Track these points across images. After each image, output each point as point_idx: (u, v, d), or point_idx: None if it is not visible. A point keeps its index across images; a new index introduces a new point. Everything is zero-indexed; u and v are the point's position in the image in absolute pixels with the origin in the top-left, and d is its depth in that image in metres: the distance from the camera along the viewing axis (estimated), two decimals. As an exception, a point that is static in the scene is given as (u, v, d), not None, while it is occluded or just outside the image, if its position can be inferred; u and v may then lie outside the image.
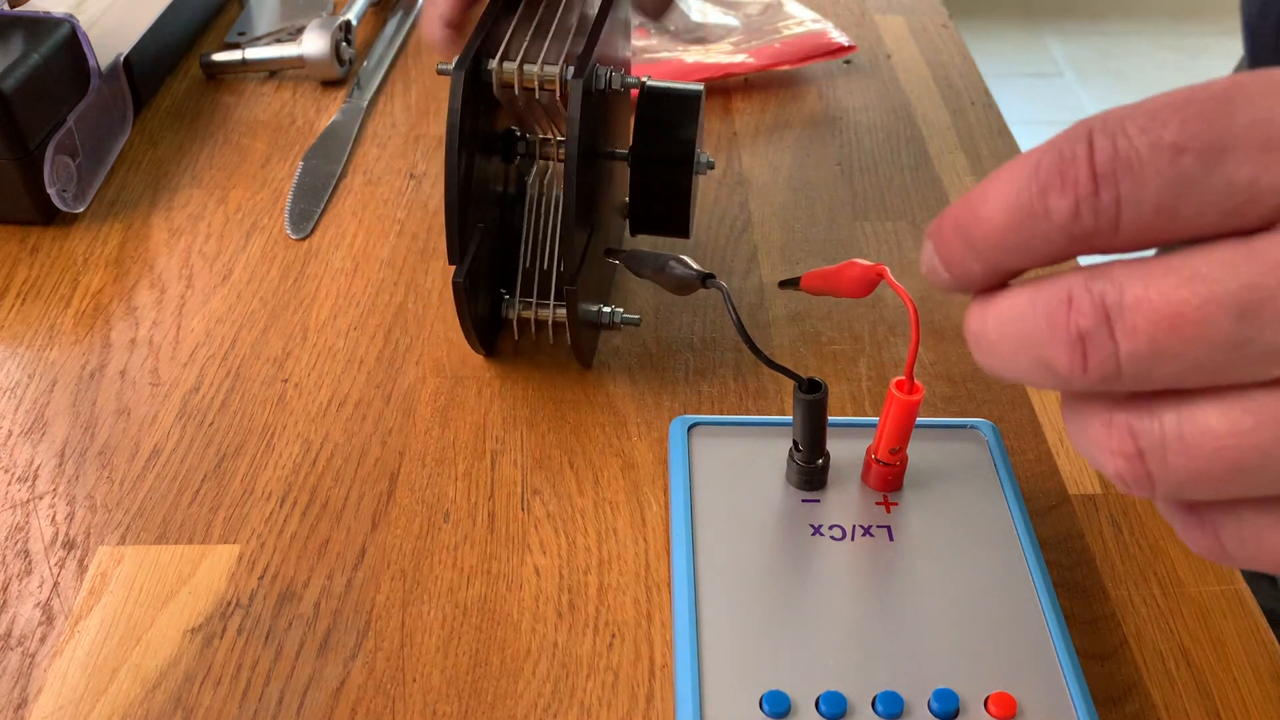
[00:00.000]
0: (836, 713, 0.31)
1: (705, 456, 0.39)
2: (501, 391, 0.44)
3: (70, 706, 0.33)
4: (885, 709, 0.31)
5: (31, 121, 0.49)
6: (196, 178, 0.55)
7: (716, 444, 0.39)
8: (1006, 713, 0.31)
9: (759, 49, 0.64)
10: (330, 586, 0.37)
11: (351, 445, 0.42)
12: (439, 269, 0.50)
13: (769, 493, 0.37)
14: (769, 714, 0.31)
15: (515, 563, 0.37)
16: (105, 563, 0.37)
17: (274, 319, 0.47)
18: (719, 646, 0.33)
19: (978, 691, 0.32)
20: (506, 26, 0.42)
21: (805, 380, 0.35)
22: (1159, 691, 0.34)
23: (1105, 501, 0.40)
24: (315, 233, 0.52)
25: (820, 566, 0.35)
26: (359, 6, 0.67)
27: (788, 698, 0.31)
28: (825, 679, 0.32)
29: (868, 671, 0.32)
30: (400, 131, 0.59)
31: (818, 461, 0.37)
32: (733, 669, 0.32)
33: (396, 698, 0.34)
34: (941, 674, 0.32)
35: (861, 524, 0.36)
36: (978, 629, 0.33)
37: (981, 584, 0.34)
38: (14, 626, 0.35)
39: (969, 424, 0.40)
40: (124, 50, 0.57)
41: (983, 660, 0.32)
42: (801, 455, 0.37)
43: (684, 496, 0.37)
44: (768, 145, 0.59)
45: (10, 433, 0.42)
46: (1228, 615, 0.36)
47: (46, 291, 0.48)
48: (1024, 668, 0.32)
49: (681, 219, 0.45)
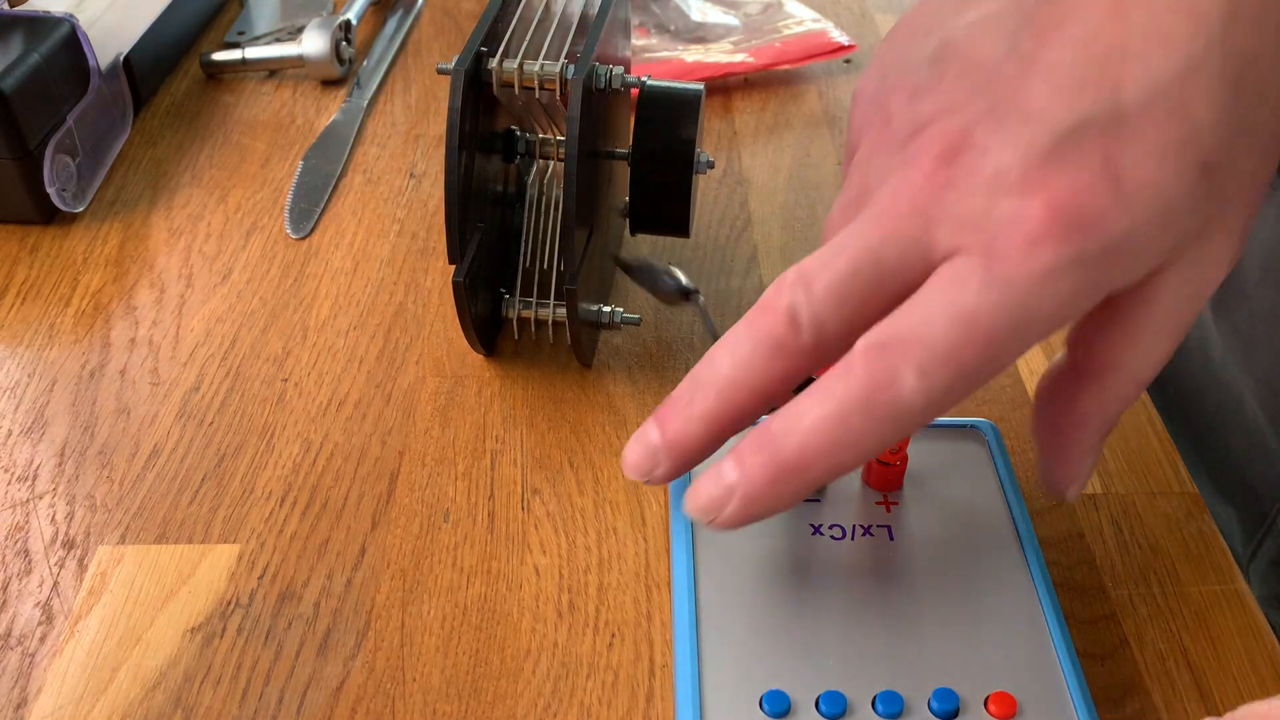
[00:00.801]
0: (836, 712, 0.31)
1: None
2: (501, 391, 0.44)
3: (70, 706, 0.33)
4: (885, 708, 0.31)
5: (31, 121, 0.49)
6: (196, 177, 0.55)
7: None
8: (1006, 712, 0.31)
9: (759, 48, 0.64)
10: (330, 586, 0.37)
11: (351, 445, 0.42)
12: (439, 268, 0.50)
13: None
14: (769, 713, 0.31)
15: (515, 562, 0.37)
16: (105, 562, 0.37)
17: (274, 318, 0.47)
18: (719, 646, 0.33)
19: (978, 691, 0.32)
20: (506, 25, 0.42)
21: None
22: (1159, 691, 0.34)
23: (1105, 501, 0.40)
24: (315, 232, 0.52)
25: (820, 566, 0.35)
26: (359, 6, 0.67)
27: (788, 697, 0.31)
28: (825, 678, 0.32)
29: (868, 671, 0.32)
30: (400, 131, 0.59)
31: None
32: (733, 668, 0.32)
33: (396, 697, 0.34)
34: (941, 673, 0.32)
35: (861, 524, 0.36)
36: (978, 628, 0.33)
37: (981, 583, 0.34)
38: (14, 626, 0.35)
39: (969, 424, 0.40)
40: (124, 50, 0.57)
41: (983, 660, 0.32)
42: None
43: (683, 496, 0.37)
44: (768, 145, 0.59)
45: (10, 432, 0.42)
46: (1228, 615, 0.36)
47: (46, 291, 0.48)
48: (1024, 667, 0.32)
49: (681, 218, 0.45)
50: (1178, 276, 0.28)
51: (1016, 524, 0.36)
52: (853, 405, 0.27)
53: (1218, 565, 0.38)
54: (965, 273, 0.26)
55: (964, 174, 0.27)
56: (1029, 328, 0.26)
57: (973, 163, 0.27)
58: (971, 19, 0.29)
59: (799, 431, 0.28)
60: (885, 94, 0.31)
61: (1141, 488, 0.40)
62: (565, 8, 0.45)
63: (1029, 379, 0.44)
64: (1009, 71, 0.27)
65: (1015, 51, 0.27)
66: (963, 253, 0.27)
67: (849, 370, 0.27)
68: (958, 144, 0.27)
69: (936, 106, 0.29)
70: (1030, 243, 0.26)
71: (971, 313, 0.26)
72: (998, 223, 0.26)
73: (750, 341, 0.29)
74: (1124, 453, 0.42)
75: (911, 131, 0.29)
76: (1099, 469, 0.41)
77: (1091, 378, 0.30)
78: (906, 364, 0.26)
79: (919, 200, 0.27)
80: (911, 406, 0.27)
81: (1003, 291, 0.26)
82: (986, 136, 0.27)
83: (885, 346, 0.27)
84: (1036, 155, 0.26)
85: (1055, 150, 0.26)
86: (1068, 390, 0.31)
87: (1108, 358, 0.30)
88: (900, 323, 0.27)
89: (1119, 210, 0.26)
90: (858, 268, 0.28)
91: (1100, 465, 0.41)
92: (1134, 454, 0.42)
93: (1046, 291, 0.26)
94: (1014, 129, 0.27)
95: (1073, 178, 0.26)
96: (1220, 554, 0.38)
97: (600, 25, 0.42)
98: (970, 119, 0.27)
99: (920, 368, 0.26)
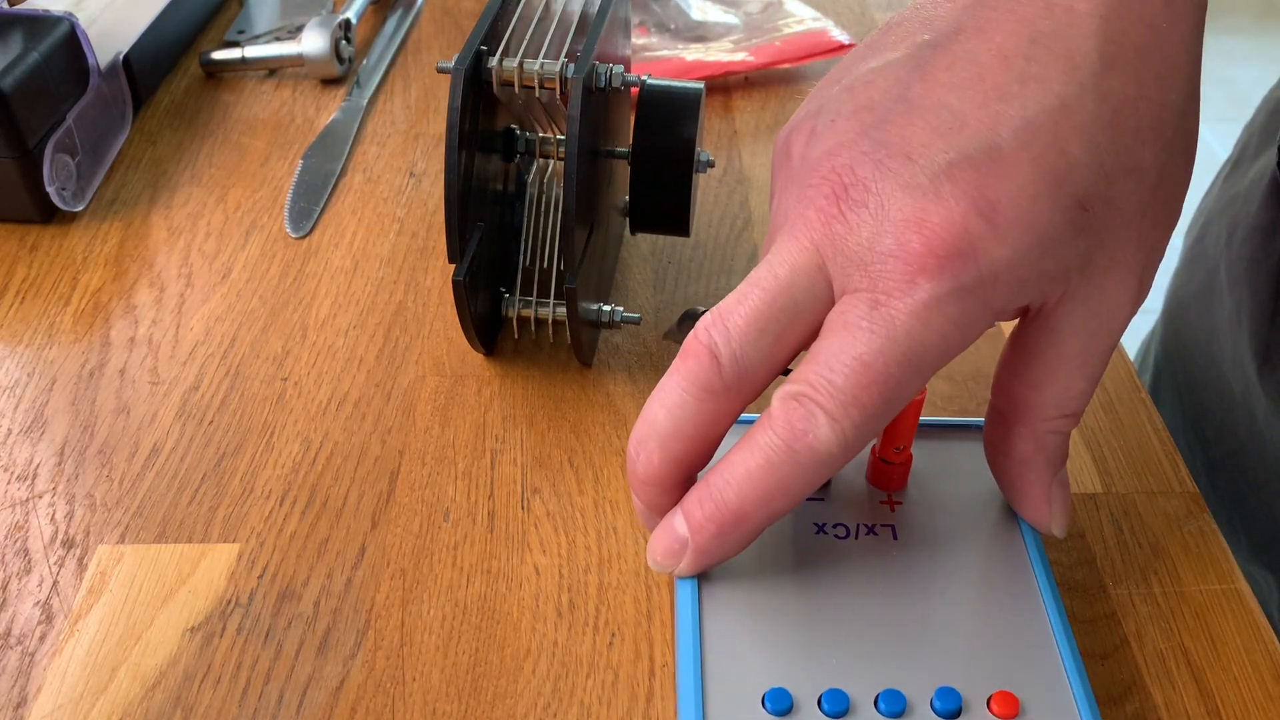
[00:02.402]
0: (839, 710, 0.31)
1: None
2: (501, 390, 0.44)
3: (70, 705, 0.33)
4: (888, 707, 0.31)
5: (31, 120, 0.49)
6: (196, 176, 0.55)
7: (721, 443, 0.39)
8: (1009, 712, 0.31)
9: (759, 47, 0.64)
10: (330, 585, 0.37)
11: (351, 444, 0.41)
12: (439, 267, 0.50)
13: None
14: (771, 712, 0.31)
15: (515, 561, 0.37)
16: (105, 561, 0.37)
17: (273, 317, 0.47)
18: (722, 643, 0.33)
19: (980, 690, 0.31)
20: (506, 24, 0.42)
21: None
22: (1159, 691, 0.34)
23: (1105, 501, 0.40)
24: (315, 231, 0.52)
25: (824, 565, 0.35)
26: (358, 5, 0.67)
27: (790, 695, 0.31)
28: (828, 677, 0.32)
29: (870, 670, 0.32)
30: (400, 130, 0.59)
31: None
32: (735, 666, 0.32)
33: (396, 697, 0.34)
34: (944, 673, 0.32)
35: (865, 523, 0.36)
36: (981, 628, 0.33)
37: (985, 583, 0.34)
38: (13, 625, 0.35)
39: (972, 423, 0.39)
40: (123, 48, 0.57)
41: (986, 659, 0.32)
42: None
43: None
44: (768, 143, 0.59)
45: (10, 431, 0.42)
46: (1227, 614, 0.36)
47: (46, 290, 0.48)
48: (1027, 667, 0.32)
49: (681, 218, 0.45)
50: (1077, 310, 0.30)
51: (1020, 523, 0.36)
52: (779, 455, 0.29)
53: (1218, 565, 0.38)
54: (855, 315, 0.29)
55: (851, 211, 0.29)
56: (920, 361, 0.29)
57: (859, 199, 0.29)
58: (873, 65, 0.31)
59: (735, 484, 0.30)
60: (790, 137, 0.33)
61: (1141, 487, 0.40)
62: (565, 6, 0.45)
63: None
64: (896, 113, 0.29)
65: (904, 96, 0.30)
66: (851, 291, 0.29)
67: (770, 422, 0.30)
68: (846, 182, 0.29)
69: (828, 147, 0.30)
70: (908, 278, 0.28)
71: (865, 358, 0.28)
72: (880, 259, 0.28)
73: (679, 389, 0.31)
74: (1124, 453, 0.42)
75: (809, 170, 0.30)
76: (1099, 469, 0.41)
77: (1019, 420, 0.33)
78: (818, 411, 0.29)
79: (815, 237, 0.30)
80: (830, 450, 0.29)
81: (888, 332, 0.28)
82: (871, 175, 0.29)
83: (798, 397, 0.29)
84: (915, 193, 0.28)
85: (932, 187, 0.28)
86: (1004, 438, 0.34)
87: (1029, 398, 0.32)
88: (808, 372, 0.29)
89: (993, 240, 0.28)
90: (771, 299, 0.30)
91: (1100, 465, 0.41)
92: (1134, 454, 0.42)
93: (931, 324, 0.28)
94: (896, 168, 0.29)
95: (948, 212, 0.28)
96: (1220, 553, 0.38)
97: (600, 24, 0.42)
98: (857, 158, 0.29)
99: (830, 414, 0.29)
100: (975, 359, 0.45)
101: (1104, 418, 0.43)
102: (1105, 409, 0.43)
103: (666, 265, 0.50)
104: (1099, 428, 0.43)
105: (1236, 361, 0.53)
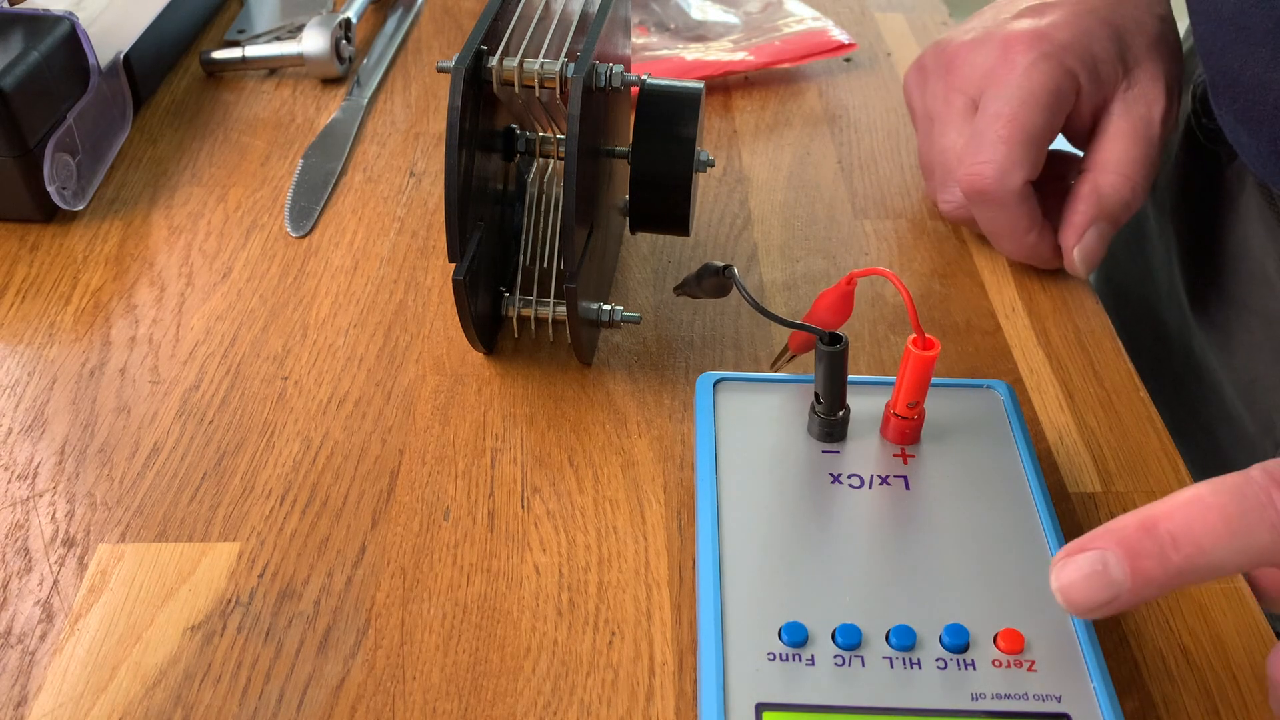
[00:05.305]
0: (851, 643, 0.32)
1: (730, 410, 0.39)
2: (501, 389, 0.44)
3: (70, 704, 0.33)
4: (898, 641, 0.32)
5: (31, 119, 0.49)
6: (196, 175, 0.55)
7: (741, 398, 0.40)
8: (1014, 647, 0.32)
9: (759, 47, 0.64)
10: (330, 584, 0.37)
11: (351, 443, 0.42)
12: (439, 267, 0.50)
13: (791, 444, 0.38)
14: (787, 643, 0.32)
15: (515, 560, 0.37)
16: (105, 560, 0.37)
17: (274, 317, 0.47)
18: (741, 581, 0.34)
19: (987, 627, 0.33)
20: (506, 24, 0.42)
21: (826, 333, 0.36)
22: (1158, 689, 0.34)
23: (1105, 500, 0.40)
24: (315, 230, 0.52)
25: (839, 511, 0.36)
26: (359, 4, 0.67)
27: (805, 628, 0.32)
28: (841, 613, 0.33)
29: (882, 607, 0.33)
30: (400, 129, 0.59)
31: (838, 414, 0.38)
32: (753, 601, 0.33)
33: (396, 695, 0.34)
34: (953, 610, 0.33)
35: (879, 474, 0.37)
36: (989, 570, 0.34)
37: (993, 529, 0.35)
38: (14, 624, 0.35)
39: (985, 384, 0.40)
40: (124, 48, 0.57)
41: (993, 599, 0.33)
42: (822, 408, 0.38)
43: (709, 446, 0.38)
44: (768, 143, 0.59)
45: (10, 430, 0.42)
46: (1227, 613, 0.36)
47: (46, 289, 0.48)
48: (1032, 607, 0.33)
49: (681, 217, 0.45)
50: (1125, 100, 0.47)
51: (1028, 475, 0.37)
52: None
53: (1217, 564, 0.38)
54: None
55: None
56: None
57: None
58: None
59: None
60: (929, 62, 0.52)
61: (1141, 487, 0.41)
62: (565, 6, 0.45)
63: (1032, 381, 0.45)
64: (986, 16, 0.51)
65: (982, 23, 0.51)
66: None
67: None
68: None
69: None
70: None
71: None
72: None
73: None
74: (1124, 452, 0.42)
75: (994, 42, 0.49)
76: (1098, 468, 0.41)
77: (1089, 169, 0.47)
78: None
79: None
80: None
81: None
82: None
83: None
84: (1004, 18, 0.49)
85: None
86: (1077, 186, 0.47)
87: (1096, 158, 0.47)
88: None
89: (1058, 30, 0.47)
90: None
91: (1100, 465, 0.41)
92: (1134, 453, 0.42)
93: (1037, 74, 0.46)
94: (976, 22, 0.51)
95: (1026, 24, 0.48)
96: (1220, 552, 0.38)
97: (600, 23, 0.42)
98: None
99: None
100: (975, 359, 0.45)
101: (1104, 417, 0.43)
102: (1105, 409, 0.44)
103: (666, 265, 0.50)
104: (1099, 428, 0.43)
105: (1172, 298, 0.58)
